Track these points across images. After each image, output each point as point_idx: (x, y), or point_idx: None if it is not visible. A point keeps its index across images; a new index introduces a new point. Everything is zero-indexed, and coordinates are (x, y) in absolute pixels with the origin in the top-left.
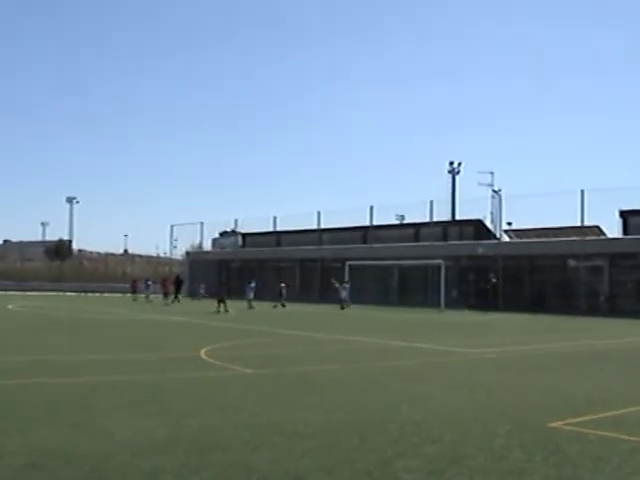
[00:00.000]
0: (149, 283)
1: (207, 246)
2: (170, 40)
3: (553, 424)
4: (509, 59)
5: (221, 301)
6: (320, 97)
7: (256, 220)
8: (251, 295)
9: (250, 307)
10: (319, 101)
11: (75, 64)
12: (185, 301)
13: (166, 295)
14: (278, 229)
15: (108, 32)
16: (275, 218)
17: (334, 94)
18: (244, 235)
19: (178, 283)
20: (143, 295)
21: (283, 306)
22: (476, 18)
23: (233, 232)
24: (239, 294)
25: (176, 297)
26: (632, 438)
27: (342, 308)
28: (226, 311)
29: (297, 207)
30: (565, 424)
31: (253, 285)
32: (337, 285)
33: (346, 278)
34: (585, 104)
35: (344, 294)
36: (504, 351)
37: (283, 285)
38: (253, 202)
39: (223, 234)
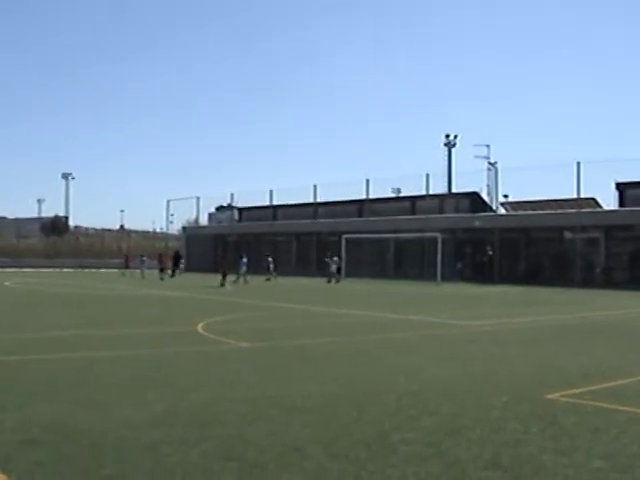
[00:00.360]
0: (144, 259)
1: (203, 221)
2: (165, 20)
3: (549, 396)
4: (506, 32)
5: (224, 275)
6: (317, 70)
7: (252, 194)
8: (244, 269)
9: (245, 282)
10: (316, 75)
11: (71, 43)
12: (182, 276)
13: (162, 270)
14: (274, 203)
15: (100, 14)
16: (271, 192)
17: (332, 67)
18: (240, 209)
19: (177, 258)
20: (138, 270)
21: (268, 280)
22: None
23: (229, 206)
24: (234, 269)
25: (174, 272)
26: (629, 409)
27: (329, 282)
28: (222, 285)
29: (293, 181)
30: (561, 396)
31: (245, 260)
32: (327, 259)
33: (342, 252)
34: (582, 77)
35: (333, 267)
36: (499, 323)
37: (270, 259)
38: (249, 176)
39: (219, 209)
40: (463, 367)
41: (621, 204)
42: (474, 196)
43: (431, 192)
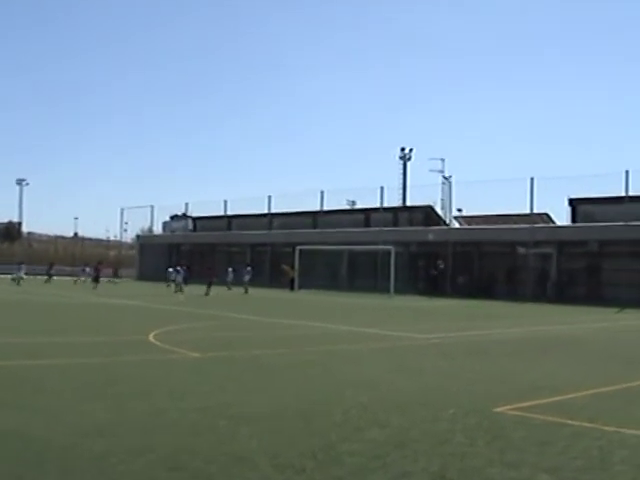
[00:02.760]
0: (86, 269)
1: (158, 230)
2: (123, 20)
3: (498, 409)
4: (460, 45)
5: (210, 285)
6: (272, 80)
7: (207, 204)
8: (179, 279)
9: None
10: (271, 85)
11: (24, 45)
12: (138, 285)
13: (96, 279)
14: (229, 213)
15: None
16: (226, 202)
17: (287, 77)
18: (195, 219)
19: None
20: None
21: (207, 294)
22: (432, 6)
23: (184, 216)
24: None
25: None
26: (576, 423)
27: (245, 292)
28: (207, 294)
29: (248, 191)
30: (510, 409)
31: (181, 270)
32: (247, 269)
33: (295, 263)
34: (536, 94)
35: (247, 278)
36: (451, 336)
37: (249, 269)
38: (204, 186)
39: (174, 218)
40: (412, 380)
41: (573, 220)
42: (428, 209)
43: (385, 205)
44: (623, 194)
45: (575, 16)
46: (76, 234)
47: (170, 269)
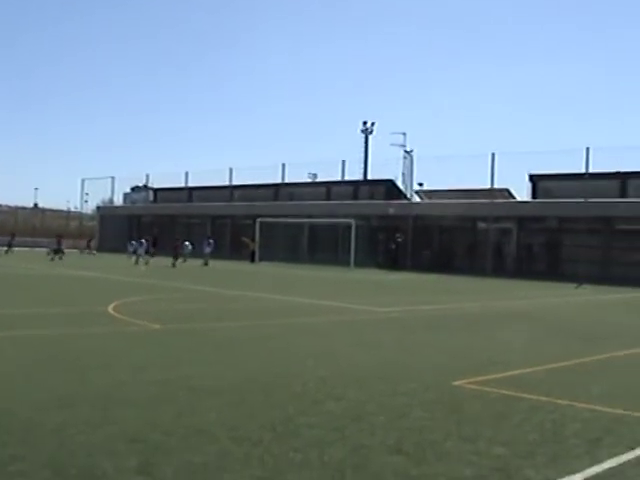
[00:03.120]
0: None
1: (118, 201)
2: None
3: (456, 383)
4: (423, 20)
5: (176, 256)
6: (234, 52)
7: (168, 175)
8: (140, 251)
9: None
10: (233, 56)
11: None
12: (98, 256)
13: (56, 252)
14: (190, 185)
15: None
16: (187, 174)
17: (249, 49)
18: (155, 190)
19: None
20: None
21: (174, 266)
22: None
23: (144, 187)
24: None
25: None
26: (532, 396)
27: (206, 264)
28: (173, 265)
29: (209, 163)
30: (467, 383)
31: (144, 242)
32: (209, 241)
33: (256, 235)
34: (497, 69)
35: (208, 250)
36: (410, 310)
37: (211, 241)
38: (165, 157)
39: (134, 189)
40: (371, 353)
41: (534, 195)
42: (389, 184)
43: (347, 178)
44: (583, 171)
45: None
46: (36, 205)
47: (133, 241)
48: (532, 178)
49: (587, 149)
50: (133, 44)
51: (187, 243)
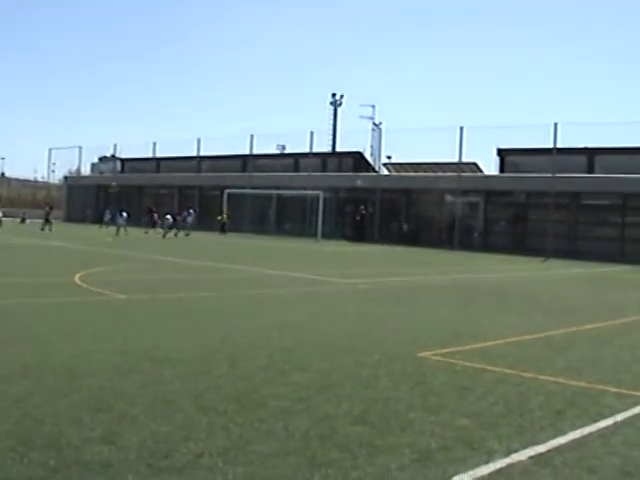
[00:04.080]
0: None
1: (86, 171)
2: None
3: (421, 354)
4: None
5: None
6: (203, 22)
7: (135, 146)
8: (121, 222)
9: (118, 234)
10: (201, 26)
11: None
12: (65, 226)
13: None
14: (157, 155)
15: None
16: (155, 144)
17: (219, 20)
18: (123, 160)
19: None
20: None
21: (187, 235)
22: None
23: (112, 157)
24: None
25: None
26: (496, 369)
27: (187, 235)
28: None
29: (177, 133)
30: (433, 354)
31: (125, 214)
32: (190, 211)
33: (224, 206)
34: (467, 42)
35: (190, 220)
36: (377, 282)
37: (192, 211)
38: (133, 127)
39: (102, 159)
40: (338, 324)
41: (501, 170)
42: (357, 156)
43: (315, 150)
44: (551, 146)
45: None
46: (3, 174)
47: (107, 211)
48: (500, 152)
49: (555, 124)
50: (101, 13)
51: (168, 217)
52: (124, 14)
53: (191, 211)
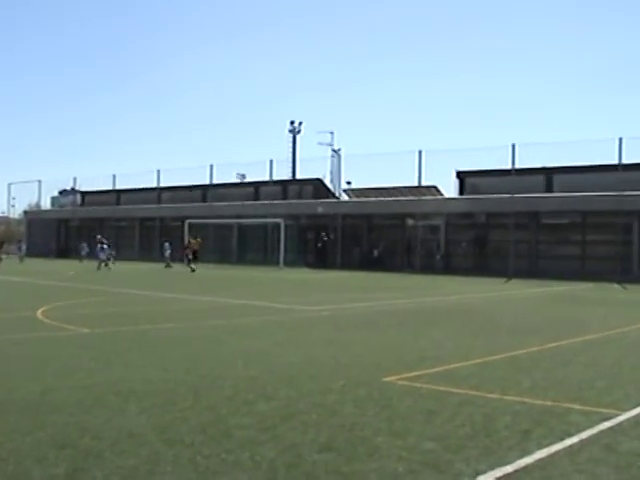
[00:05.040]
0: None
1: (46, 205)
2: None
3: (386, 379)
4: (348, 21)
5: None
6: (157, 51)
7: (95, 178)
8: (102, 256)
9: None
10: (157, 55)
11: None
12: (27, 261)
13: None
14: (117, 187)
15: None
16: (114, 176)
17: (173, 49)
18: (83, 194)
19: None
20: None
21: (193, 271)
22: None
23: (72, 190)
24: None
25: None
26: (462, 391)
27: (166, 266)
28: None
29: (137, 165)
30: (398, 379)
31: (85, 245)
32: (166, 244)
33: (185, 237)
34: (424, 67)
35: (167, 253)
36: (340, 308)
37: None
38: (93, 160)
39: (62, 192)
40: (303, 352)
41: (461, 192)
42: (317, 182)
43: (275, 178)
44: (509, 167)
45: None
46: None
47: (84, 244)
48: (459, 175)
49: (513, 145)
50: (58, 44)
51: (84, 245)
52: (82, 44)
53: (166, 244)
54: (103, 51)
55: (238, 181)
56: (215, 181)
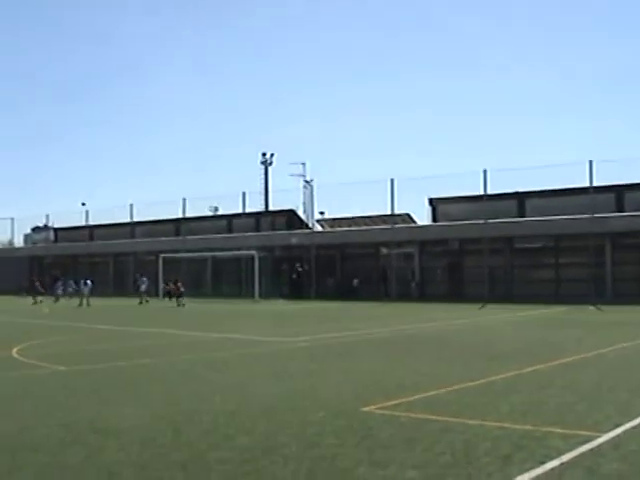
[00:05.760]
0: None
1: (19, 242)
2: None
3: (366, 409)
4: (317, 51)
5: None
6: (132, 83)
7: (68, 214)
8: (59, 292)
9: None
10: (130, 87)
11: None
12: None
13: None
14: (91, 223)
15: None
16: (87, 212)
17: (148, 80)
18: (56, 230)
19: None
20: None
21: (182, 305)
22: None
23: (45, 227)
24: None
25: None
26: (441, 418)
27: (140, 303)
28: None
29: (110, 200)
30: (377, 408)
31: (60, 283)
32: (142, 279)
33: (159, 272)
34: (392, 96)
35: (143, 287)
36: (317, 339)
37: (179, 284)
38: (65, 196)
39: (35, 229)
40: (281, 384)
41: (434, 219)
42: (290, 213)
43: (248, 210)
44: (482, 192)
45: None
46: None
47: (59, 282)
48: (432, 202)
49: (484, 171)
50: (26, 75)
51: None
52: (52, 82)
53: (144, 279)
54: (73, 88)
55: (211, 214)
56: (188, 214)
